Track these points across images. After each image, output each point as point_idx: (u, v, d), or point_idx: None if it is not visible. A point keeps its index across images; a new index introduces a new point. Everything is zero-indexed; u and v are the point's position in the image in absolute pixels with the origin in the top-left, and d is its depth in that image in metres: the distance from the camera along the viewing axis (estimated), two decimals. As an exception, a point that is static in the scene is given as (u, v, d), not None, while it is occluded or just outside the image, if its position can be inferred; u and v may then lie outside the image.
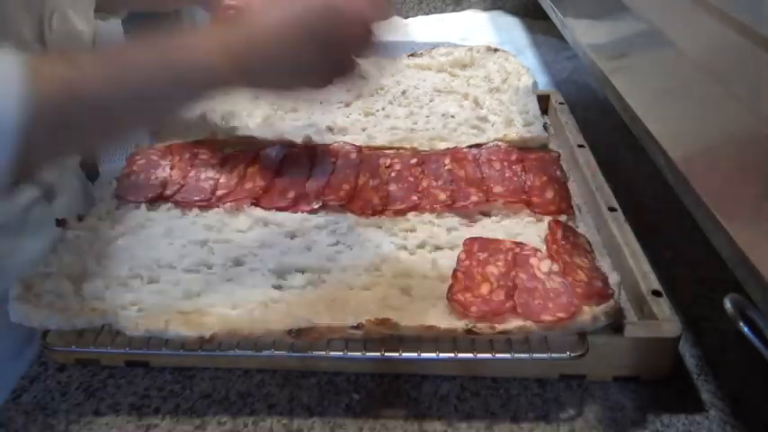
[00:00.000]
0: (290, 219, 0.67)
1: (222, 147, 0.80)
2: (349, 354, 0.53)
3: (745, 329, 0.36)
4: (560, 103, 0.93)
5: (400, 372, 0.56)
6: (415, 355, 0.53)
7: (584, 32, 0.81)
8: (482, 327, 0.52)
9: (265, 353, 0.53)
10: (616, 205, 0.69)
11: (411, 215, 0.68)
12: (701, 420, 0.53)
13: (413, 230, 0.65)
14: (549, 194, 0.69)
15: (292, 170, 0.74)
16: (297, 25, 0.53)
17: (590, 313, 0.52)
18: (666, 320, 0.54)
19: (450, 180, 0.72)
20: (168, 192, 0.71)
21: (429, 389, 0.55)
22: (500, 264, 0.58)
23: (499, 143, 0.78)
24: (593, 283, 0.55)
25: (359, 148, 0.79)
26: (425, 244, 0.63)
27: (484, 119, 0.86)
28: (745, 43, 0.38)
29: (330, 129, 0.85)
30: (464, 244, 0.61)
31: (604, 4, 0.70)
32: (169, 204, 0.70)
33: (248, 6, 0.62)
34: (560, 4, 0.97)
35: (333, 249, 0.63)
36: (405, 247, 0.63)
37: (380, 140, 0.82)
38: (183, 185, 0.72)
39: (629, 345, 0.54)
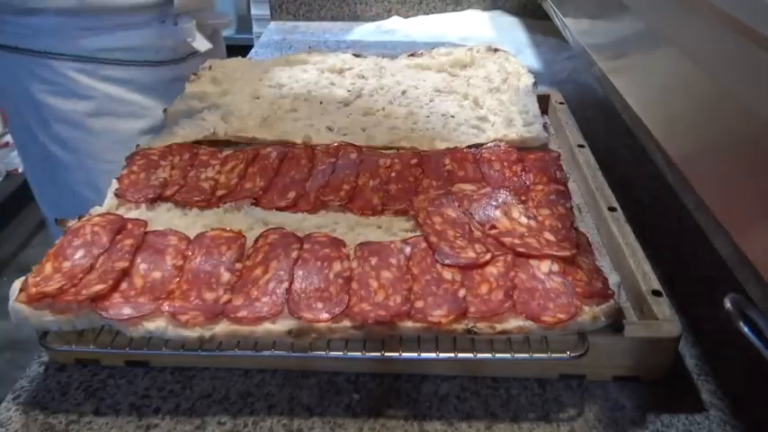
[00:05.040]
0: (290, 219, 0.66)
1: (222, 147, 0.80)
2: (349, 354, 0.53)
3: (745, 329, 0.36)
4: (560, 103, 0.93)
5: (400, 372, 0.56)
6: (415, 355, 0.53)
7: (584, 32, 0.81)
8: (482, 327, 0.52)
9: (265, 353, 0.53)
10: (616, 205, 0.69)
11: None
12: (701, 420, 0.53)
13: (413, 230, 0.65)
14: (550, 194, 0.69)
15: (292, 170, 0.74)
16: None
17: (590, 313, 0.52)
18: (666, 320, 0.54)
19: (450, 180, 0.71)
20: (168, 192, 0.70)
21: (429, 389, 0.55)
22: (499, 264, 0.58)
23: (499, 143, 0.78)
24: (593, 283, 0.55)
25: (359, 148, 0.79)
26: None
27: (484, 119, 0.86)
28: (745, 43, 0.38)
29: (330, 129, 0.85)
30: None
31: (604, 4, 0.70)
32: (169, 204, 0.70)
33: None
34: (560, 4, 0.97)
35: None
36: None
37: (380, 140, 0.82)
38: (182, 185, 0.72)
39: (629, 345, 0.54)
